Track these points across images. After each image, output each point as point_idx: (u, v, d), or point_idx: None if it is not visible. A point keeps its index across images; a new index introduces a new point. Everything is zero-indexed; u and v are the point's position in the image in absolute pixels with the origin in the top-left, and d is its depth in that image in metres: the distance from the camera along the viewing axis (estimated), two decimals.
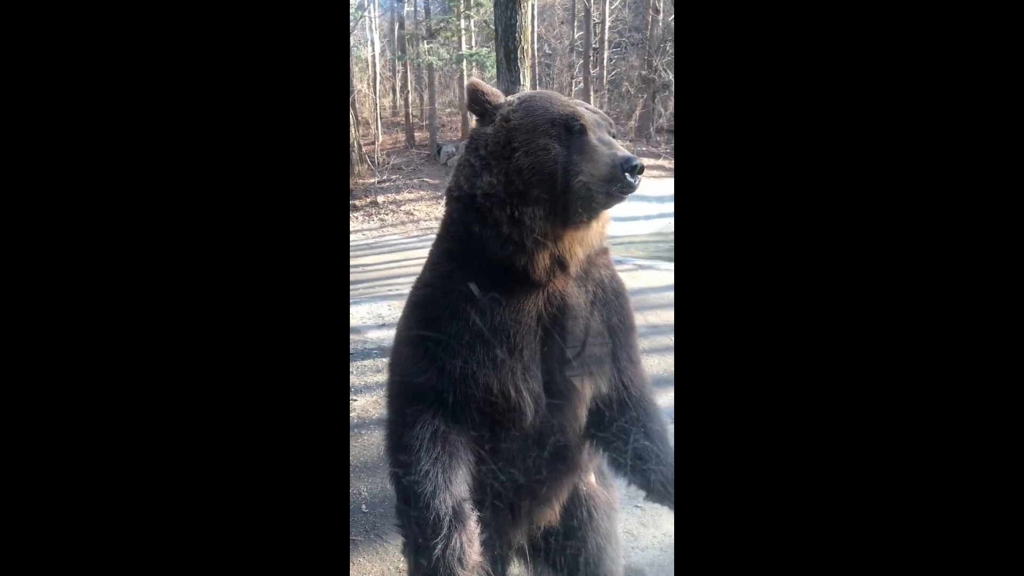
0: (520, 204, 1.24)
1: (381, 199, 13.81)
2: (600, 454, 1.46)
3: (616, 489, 1.73)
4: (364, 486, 2.60)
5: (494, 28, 4.59)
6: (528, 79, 4.53)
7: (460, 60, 15.52)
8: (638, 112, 15.39)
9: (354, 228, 12.34)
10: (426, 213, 13.19)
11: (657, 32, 17.24)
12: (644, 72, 16.26)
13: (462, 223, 1.31)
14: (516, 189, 1.24)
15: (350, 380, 3.68)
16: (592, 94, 15.46)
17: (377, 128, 16.28)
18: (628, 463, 1.38)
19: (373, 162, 14.92)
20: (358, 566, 2.10)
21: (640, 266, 6.17)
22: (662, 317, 4.47)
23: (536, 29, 15.53)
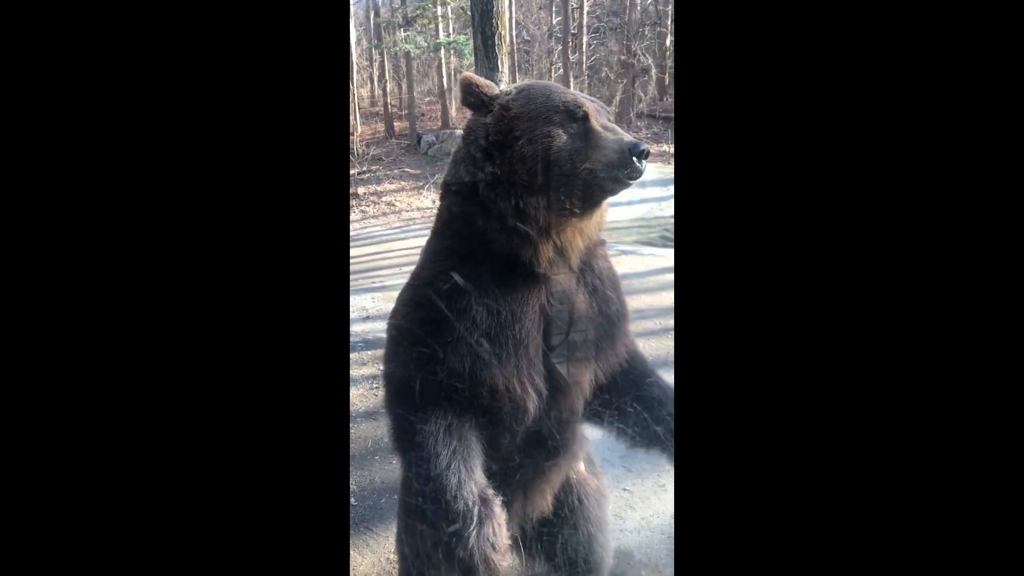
0: (524, 194, 1.23)
1: (362, 190, 13.67)
2: (610, 423, 1.46)
3: (605, 476, 1.75)
4: (352, 479, 2.59)
5: (471, 15, 4.53)
6: (507, 66, 4.49)
7: (438, 48, 15.34)
8: (618, 97, 15.37)
9: None
10: (407, 204, 13.08)
11: (635, 16, 17.19)
12: (623, 57, 16.23)
13: (463, 217, 1.29)
14: (520, 178, 1.22)
15: None
16: (572, 80, 15.39)
17: (356, 119, 16.05)
18: (642, 416, 1.39)
19: (353, 153, 14.73)
20: (349, 559, 2.10)
21: (623, 251, 6.20)
22: (645, 302, 4.50)
23: (514, 15, 15.39)
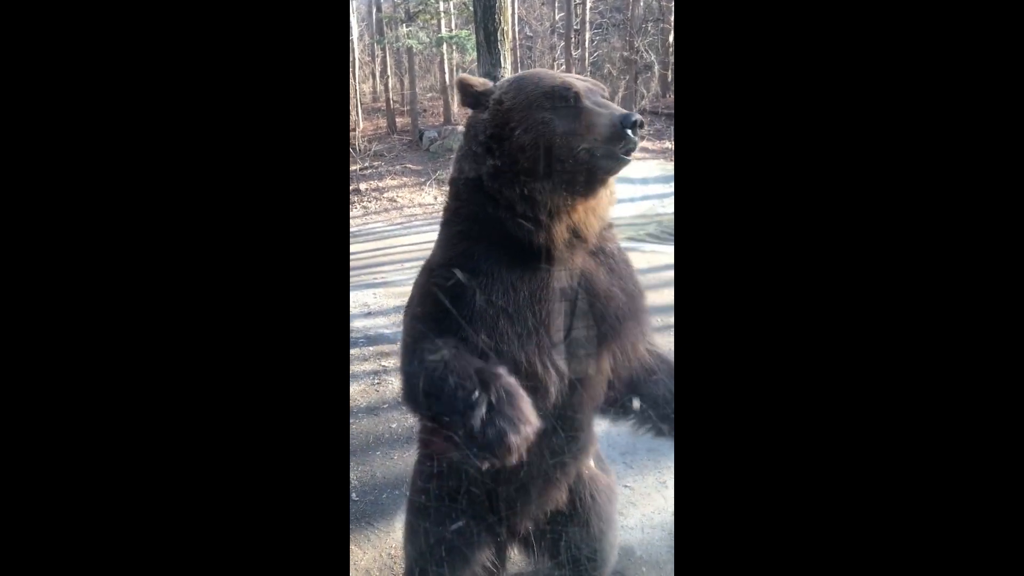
0: (529, 181, 1.24)
1: (364, 186, 13.65)
2: (638, 411, 1.42)
3: (613, 474, 1.75)
4: (354, 474, 2.60)
5: (473, 10, 4.52)
6: (509, 61, 4.48)
7: (440, 43, 15.30)
8: (620, 94, 15.33)
9: None
10: (409, 200, 13.07)
11: (638, 12, 17.12)
12: (626, 53, 16.18)
13: (473, 208, 1.30)
14: (522, 167, 1.23)
15: None
16: None
17: (358, 114, 16.03)
18: (645, 411, 1.36)
19: (354, 149, 14.71)
20: (350, 553, 2.11)
21: (624, 248, 6.17)
22: (648, 298, 4.48)
23: (516, 10, 15.33)
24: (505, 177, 1.25)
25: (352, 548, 2.13)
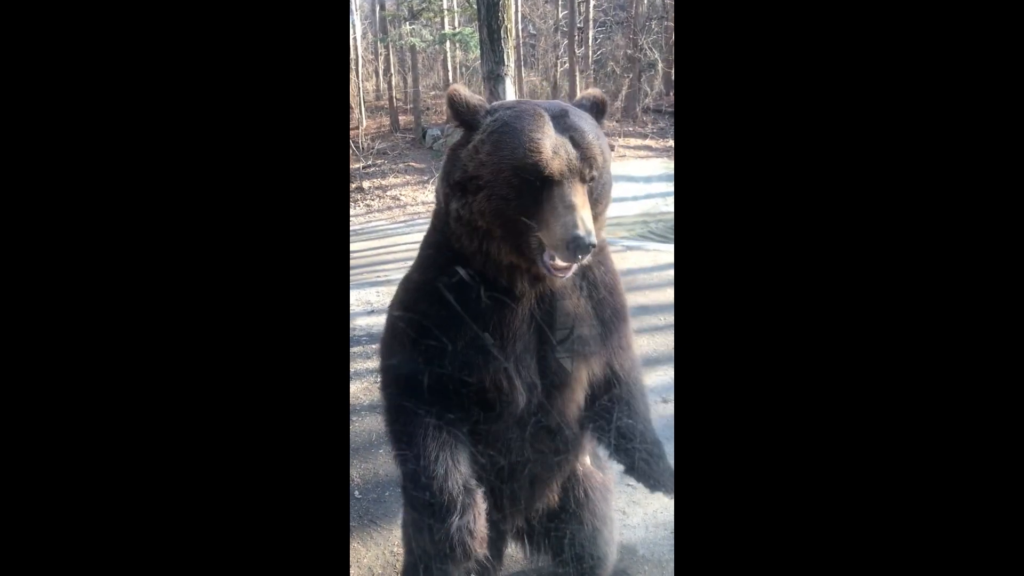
0: (486, 238, 1.23)
1: (367, 184, 13.66)
2: (587, 433, 1.49)
3: (611, 470, 1.74)
4: (356, 472, 2.60)
5: (477, 8, 4.51)
6: (512, 60, 4.47)
7: (443, 41, 15.28)
8: (624, 92, 15.29)
9: None
10: (412, 198, 13.07)
11: (642, 10, 17.07)
12: (630, 51, 16.13)
13: (442, 238, 1.31)
14: (480, 225, 1.22)
15: None
16: (578, 74, 15.31)
17: (361, 113, 16.03)
18: (612, 441, 1.41)
19: (358, 147, 14.72)
20: (352, 552, 2.11)
21: (628, 247, 6.17)
22: (650, 297, 4.48)
23: (520, 8, 15.30)
24: (465, 227, 1.24)
25: (355, 546, 2.14)
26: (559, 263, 1.19)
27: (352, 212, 12.71)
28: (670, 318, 4.06)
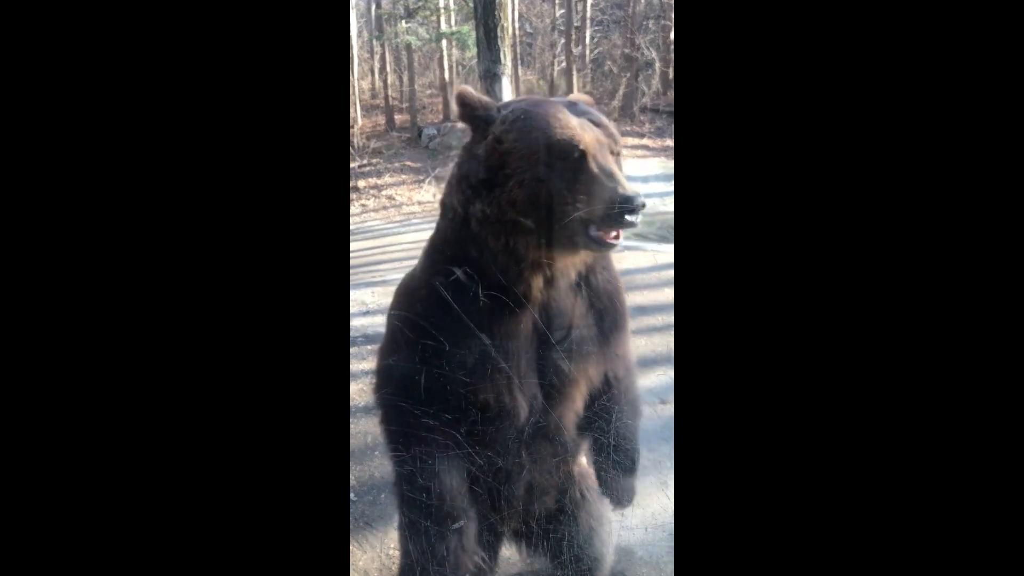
0: (515, 233, 1.20)
1: (362, 184, 13.63)
2: (584, 435, 1.49)
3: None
4: (352, 474, 2.58)
5: (473, 7, 4.49)
6: (509, 58, 4.45)
7: (440, 39, 15.26)
8: (621, 91, 15.29)
9: None
10: (408, 197, 13.05)
11: (639, 9, 17.08)
12: (627, 50, 16.14)
13: (458, 245, 1.28)
14: (510, 219, 1.19)
15: None
16: (575, 73, 15.31)
17: (356, 111, 15.99)
18: (611, 442, 1.43)
19: (353, 146, 14.69)
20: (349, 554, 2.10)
21: (626, 247, 6.17)
22: (649, 297, 4.48)
23: (516, 7, 15.29)
24: (492, 227, 1.22)
25: (351, 548, 2.12)
26: (608, 233, 1.17)
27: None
28: (668, 318, 4.05)
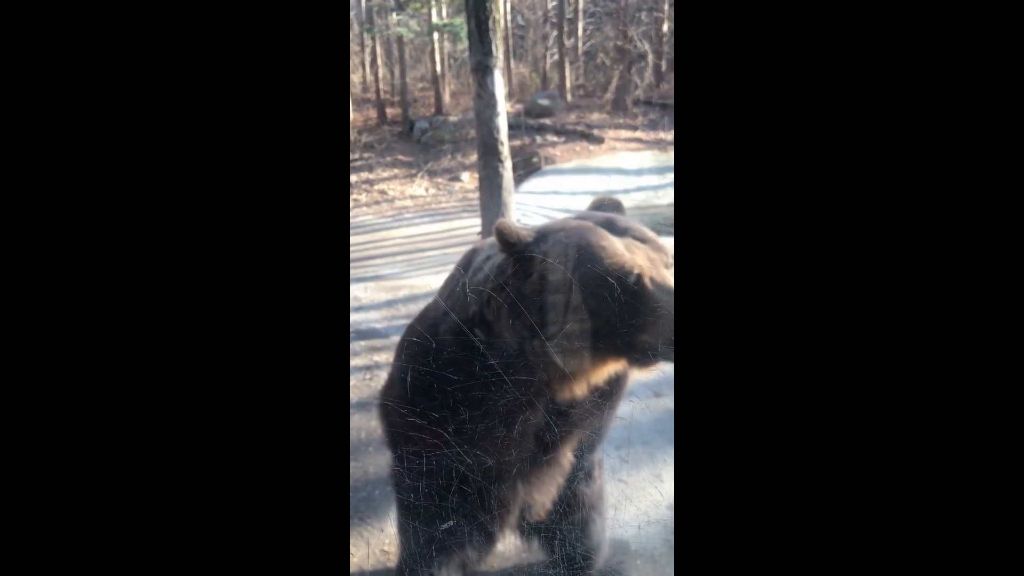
0: (579, 358, 1.21)
1: (353, 179, 13.54)
2: (575, 431, 1.50)
3: (603, 462, 1.75)
4: None
5: None
6: (500, 51, 4.42)
7: (431, 32, 15.14)
8: (614, 84, 15.25)
9: None
10: (400, 192, 12.98)
11: (632, 1, 17.00)
12: (619, 43, 16.08)
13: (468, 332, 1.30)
14: (574, 349, 1.20)
15: None
16: (567, 66, 15.24)
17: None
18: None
19: None
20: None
21: None
22: None
23: None
24: (553, 358, 1.22)
25: None
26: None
27: None
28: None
